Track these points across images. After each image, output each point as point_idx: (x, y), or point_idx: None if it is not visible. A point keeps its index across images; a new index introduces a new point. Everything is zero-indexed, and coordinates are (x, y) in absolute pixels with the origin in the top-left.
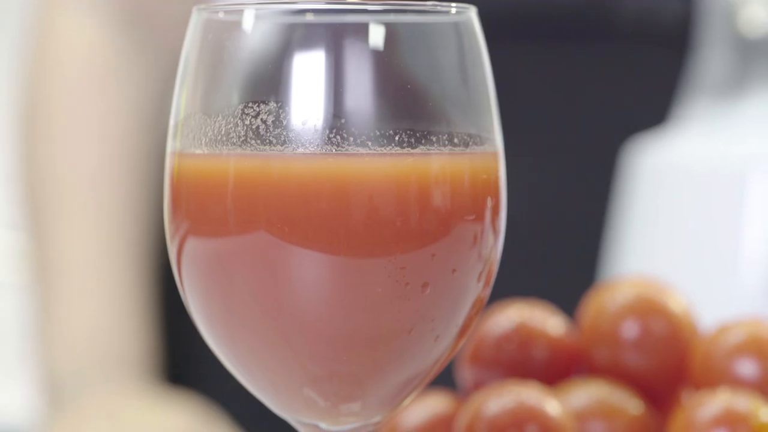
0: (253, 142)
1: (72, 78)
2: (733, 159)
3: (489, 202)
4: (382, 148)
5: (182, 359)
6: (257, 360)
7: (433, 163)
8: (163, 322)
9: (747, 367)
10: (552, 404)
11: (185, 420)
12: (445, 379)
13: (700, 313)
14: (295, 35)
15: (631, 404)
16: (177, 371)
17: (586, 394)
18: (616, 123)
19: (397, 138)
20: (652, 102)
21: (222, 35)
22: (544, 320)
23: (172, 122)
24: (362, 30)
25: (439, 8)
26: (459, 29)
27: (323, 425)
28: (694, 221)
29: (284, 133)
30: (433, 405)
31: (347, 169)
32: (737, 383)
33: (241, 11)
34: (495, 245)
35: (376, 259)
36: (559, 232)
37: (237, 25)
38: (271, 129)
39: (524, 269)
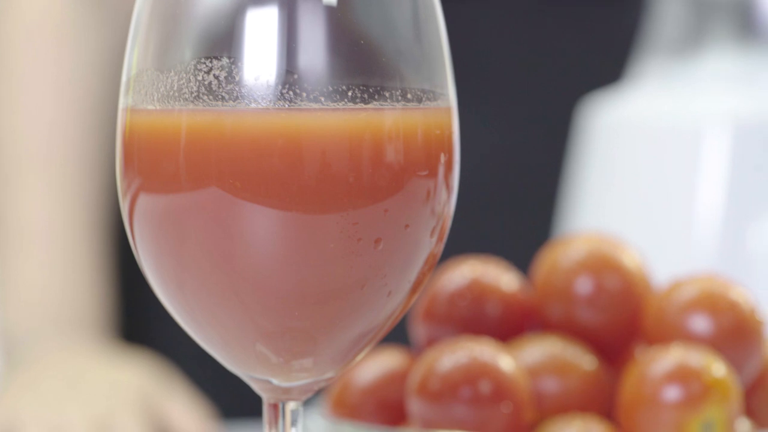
0: (205, 97)
1: (29, 31)
2: (689, 116)
3: (442, 158)
4: (335, 104)
5: (136, 317)
6: (210, 316)
7: (386, 119)
8: (118, 281)
9: (700, 323)
10: (505, 360)
11: (140, 376)
12: (400, 336)
13: (654, 270)
14: None
15: (584, 360)
16: (131, 329)
17: (539, 350)
18: (571, 80)
19: (350, 94)
20: (608, 59)
21: None
22: (498, 276)
23: (124, 78)
24: None
25: None
26: None
27: (275, 381)
28: (649, 178)
29: (237, 89)
30: (386, 361)
31: (300, 124)
32: (690, 339)
33: None
34: (448, 201)
35: (329, 215)
36: (515, 189)
37: None
38: (224, 85)
39: (478, 226)
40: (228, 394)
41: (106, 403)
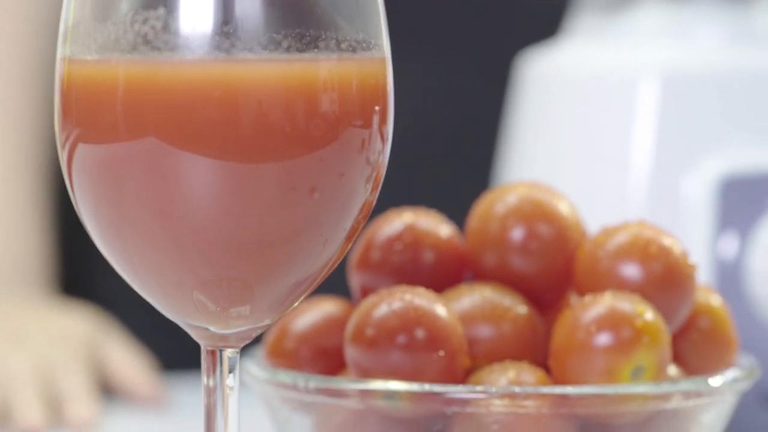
0: (142, 48)
1: None
2: (621, 68)
3: (376, 108)
4: (271, 54)
5: (77, 269)
6: (148, 265)
7: (321, 69)
8: (58, 233)
9: (630, 270)
10: (440, 308)
11: (82, 327)
12: (341, 287)
13: (589, 221)
14: None
15: (518, 308)
16: (72, 281)
17: (473, 298)
18: (508, 33)
19: (285, 44)
20: (544, 13)
21: None
22: (433, 226)
23: (62, 28)
24: None
25: None
26: None
27: (213, 328)
28: (583, 129)
29: (173, 39)
30: (324, 310)
31: (236, 74)
32: (621, 286)
33: None
34: (383, 150)
35: (265, 165)
36: (452, 141)
37: None
38: (160, 35)
39: (415, 178)
40: (168, 346)
41: (50, 354)
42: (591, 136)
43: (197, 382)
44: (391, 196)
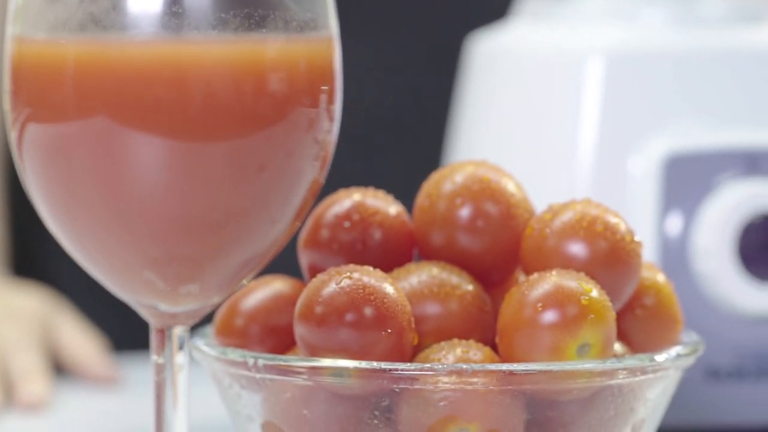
0: (91, 28)
1: None
2: (570, 49)
3: (324, 88)
4: (219, 34)
5: (28, 250)
6: (98, 244)
7: (269, 49)
8: (8, 213)
9: (577, 248)
10: (388, 286)
11: (34, 306)
12: (293, 267)
13: (537, 201)
14: None
15: (465, 286)
16: (23, 262)
17: (421, 276)
18: (457, 14)
19: (234, 24)
20: None
21: None
22: (381, 205)
23: (12, 7)
24: None
25: None
26: None
27: (162, 306)
28: (532, 111)
29: (122, 19)
30: (274, 288)
31: (184, 54)
32: (567, 263)
33: None
34: (331, 130)
35: (213, 144)
36: (401, 122)
37: None
38: (109, 15)
39: (365, 158)
40: (119, 326)
41: (2, 332)
42: (538, 116)
43: (148, 361)
44: (341, 176)
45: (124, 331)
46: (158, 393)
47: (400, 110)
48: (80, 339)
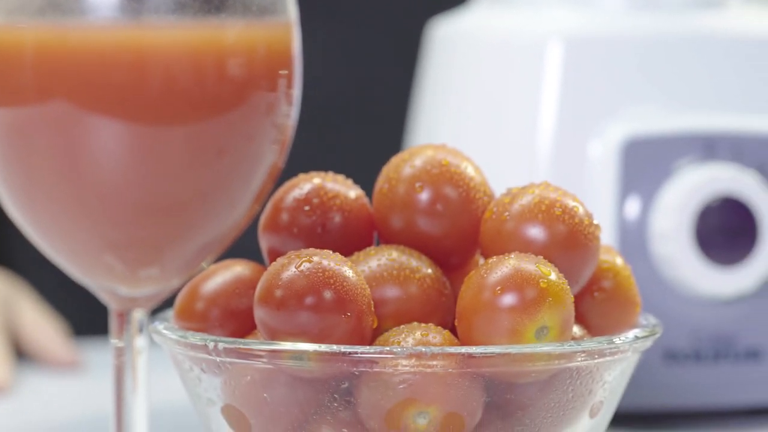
0: (50, 11)
1: None
2: (529, 33)
3: (283, 72)
4: (179, 18)
5: None
6: (57, 228)
7: (228, 33)
8: None
9: (535, 231)
10: (348, 270)
11: None
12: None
13: (497, 185)
14: None
15: (424, 269)
16: None
17: (380, 260)
18: (419, 0)
19: (193, 8)
20: None
21: None
22: (341, 189)
23: None
24: None
25: None
26: None
27: (122, 290)
28: (491, 95)
29: (81, 3)
30: (235, 271)
31: (144, 38)
32: (526, 247)
33: None
34: (290, 114)
35: (173, 128)
36: (363, 106)
37: None
38: None
39: (326, 143)
40: (80, 310)
41: None
42: (498, 101)
43: (108, 345)
44: (302, 161)
45: (84, 316)
46: (118, 376)
47: (360, 95)
48: (41, 323)
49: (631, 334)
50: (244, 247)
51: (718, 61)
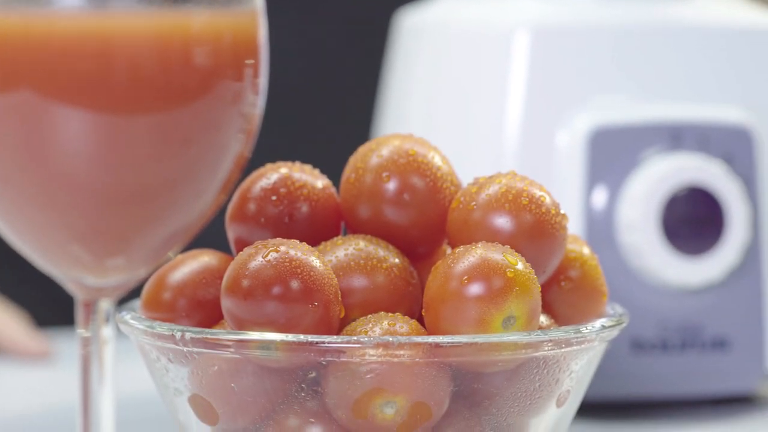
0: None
1: None
2: (496, 23)
3: (249, 61)
4: (145, 7)
5: None
6: (23, 218)
7: (194, 22)
8: None
9: (502, 221)
10: (315, 259)
11: None
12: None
13: (464, 176)
14: None
15: (391, 259)
16: None
17: (347, 249)
18: None
19: None
20: None
21: None
22: (308, 179)
23: None
24: None
25: None
26: None
27: (89, 279)
28: (459, 85)
29: None
30: (202, 261)
31: (109, 26)
32: (493, 236)
33: None
34: (256, 103)
35: (138, 117)
36: (331, 96)
37: None
38: None
39: (293, 133)
40: (43, 303)
41: None
42: (465, 91)
43: (74, 336)
44: (269, 151)
45: (49, 307)
46: (84, 366)
47: (327, 84)
48: (6, 316)
49: (598, 323)
50: (211, 237)
51: (684, 52)
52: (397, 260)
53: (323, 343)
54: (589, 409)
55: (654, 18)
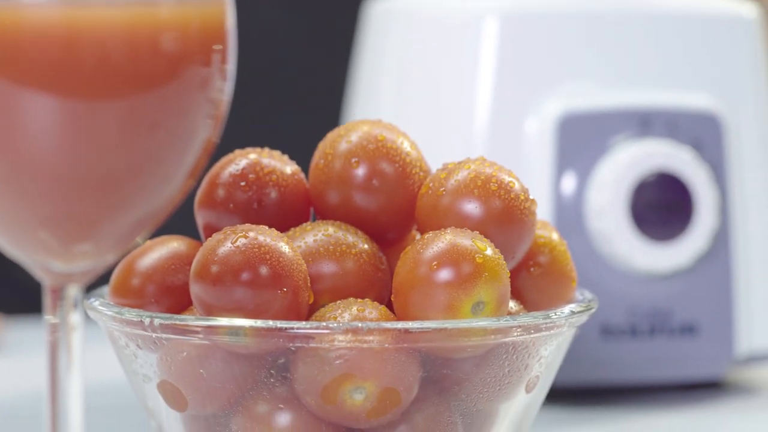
0: None
1: None
2: (465, 9)
3: (217, 47)
4: None
5: None
6: None
7: (162, 8)
8: None
9: (471, 206)
10: (284, 245)
11: None
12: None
13: (434, 162)
14: None
15: (361, 245)
16: None
17: (316, 235)
18: None
19: None
20: None
21: None
22: (277, 165)
23: None
24: None
25: None
26: None
27: (56, 265)
28: (428, 71)
29: None
30: (171, 247)
31: (77, 13)
32: (462, 222)
33: None
34: (224, 89)
35: (106, 103)
36: (300, 83)
37: None
38: None
39: (262, 119)
40: (13, 291)
41: None
42: (434, 77)
43: (39, 324)
44: (238, 137)
45: (15, 295)
46: (52, 353)
47: (297, 71)
48: None
49: (567, 309)
50: (180, 223)
51: (653, 38)
52: (366, 246)
53: (292, 328)
54: (558, 394)
55: (623, 4)
